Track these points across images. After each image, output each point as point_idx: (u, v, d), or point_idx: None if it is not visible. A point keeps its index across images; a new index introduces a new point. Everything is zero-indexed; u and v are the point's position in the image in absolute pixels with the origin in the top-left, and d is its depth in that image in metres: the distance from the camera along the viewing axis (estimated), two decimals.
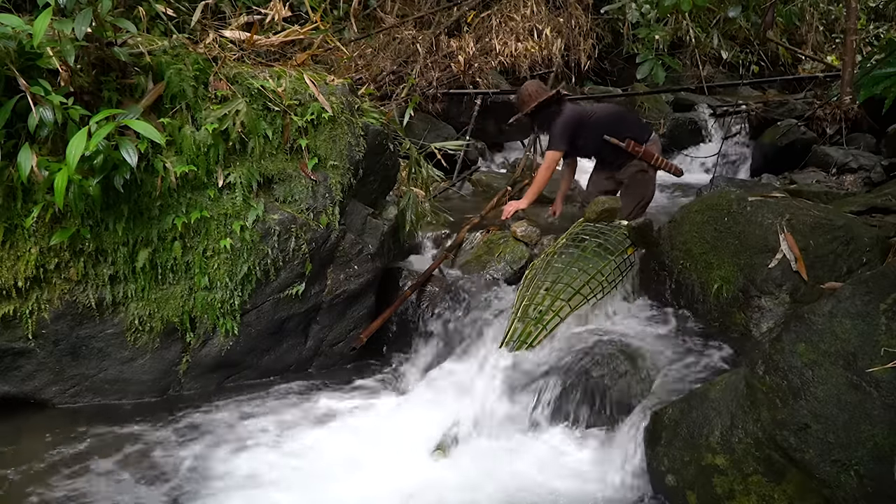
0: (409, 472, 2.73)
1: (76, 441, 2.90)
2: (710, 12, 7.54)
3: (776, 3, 4.81)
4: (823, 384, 2.13)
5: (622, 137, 4.30)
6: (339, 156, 3.40)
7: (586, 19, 8.23)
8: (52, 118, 2.72)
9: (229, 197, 3.18)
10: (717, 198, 3.43)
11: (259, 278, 3.24)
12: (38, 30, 2.60)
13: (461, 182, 6.16)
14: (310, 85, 3.35)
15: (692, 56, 8.76)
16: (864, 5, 8.73)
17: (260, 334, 3.35)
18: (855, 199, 4.17)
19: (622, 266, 3.58)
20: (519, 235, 4.10)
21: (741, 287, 3.09)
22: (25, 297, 2.96)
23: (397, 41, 7.16)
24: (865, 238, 3.06)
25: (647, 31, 4.62)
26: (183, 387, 3.30)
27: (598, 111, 4.59)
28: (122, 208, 3.00)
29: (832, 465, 2.05)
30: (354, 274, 3.52)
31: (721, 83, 9.05)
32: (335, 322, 3.56)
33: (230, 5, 4.43)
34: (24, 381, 3.08)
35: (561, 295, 3.35)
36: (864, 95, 2.57)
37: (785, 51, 9.74)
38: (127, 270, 3.07)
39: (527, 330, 3.25)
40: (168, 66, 3.14)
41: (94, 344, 3.11)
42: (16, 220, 2.92)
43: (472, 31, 7.60)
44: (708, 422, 2.40)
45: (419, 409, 3.14)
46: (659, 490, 2.52)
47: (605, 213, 3.88)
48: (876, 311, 2.12)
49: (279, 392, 3.33)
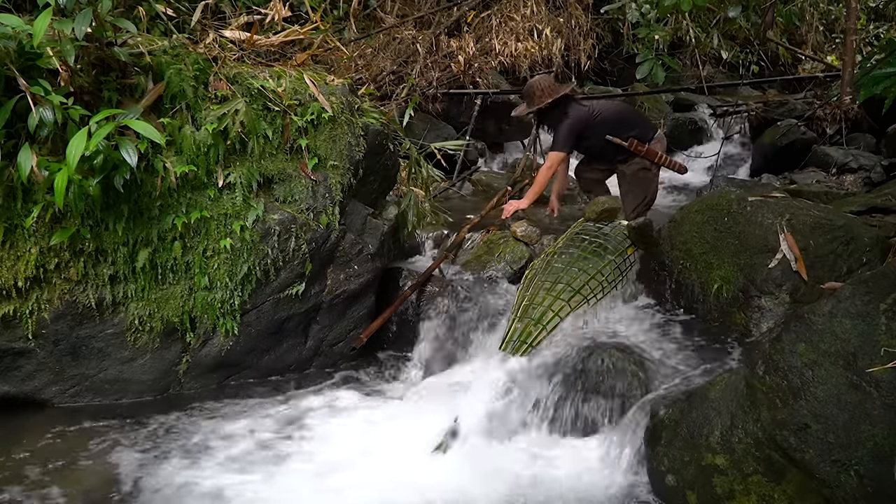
0: (409, 471, 2.73)
1: (76, 441, 2.90)
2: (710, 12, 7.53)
3: (776, 3, 4.80)
4: (823, 384, 2.13)
5: (626, 137, 4.29)
6: (339, 156, 3.40)
7: (586, 19, 8.23)
8: (52, 118, 2.72)
9: (229, 197, 3.18)
10: (717, 198, 3.44)
11: (259, 278, 3.24)
12: (38, 30, 2.60)
13: (461, 182, 6.16)
14: (310, 85, 3.35)
15: (692, 56, 8.75)
16: (864, 5, 8.73)
17: (260, 334, 3.35)
18: (855, 199, 4.17)
19: (622, 266, 3.59)
20: (519, 235, 4.10)
21: (741, 287, 3.09)
22: (25, 297, 2.96)
23: (397, 41, 7.16)
24: (865, 238, 3.06)
25: (647, 31, 4.62)
26: (183, 387, 3.30)
27: (604, 110, 4.55)
28: (122, 208, 3.00)
29: (832, 465, 2.05)
30: (354, 274, 3.52)
31: (721, 83, 9.04)
32: (335, 322, 3.56)
33: (230, 5, 4.43)
34: (24, 381, 3.08)
35: (561, 295, 3.35)
36: (864, 95, 2.57)
37: (785, 51, 9.74)
38: (127, 270, 3.07)
39: (527, 330, 3.25)
40: (168, 66, 3.13)
41: (94, 344, 3.11)
42: (16, 220, 2.91)
43: (472, 31, 7.59)
44: (708, 422, 2.40)
45: (419, 408, 3.14)
46: (659, 490, 2.52)
47: (605, 213, 3.89)
48: (876, 311, 2.12)
49: (279, 392, 3.33)
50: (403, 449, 2.85)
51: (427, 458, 2.83)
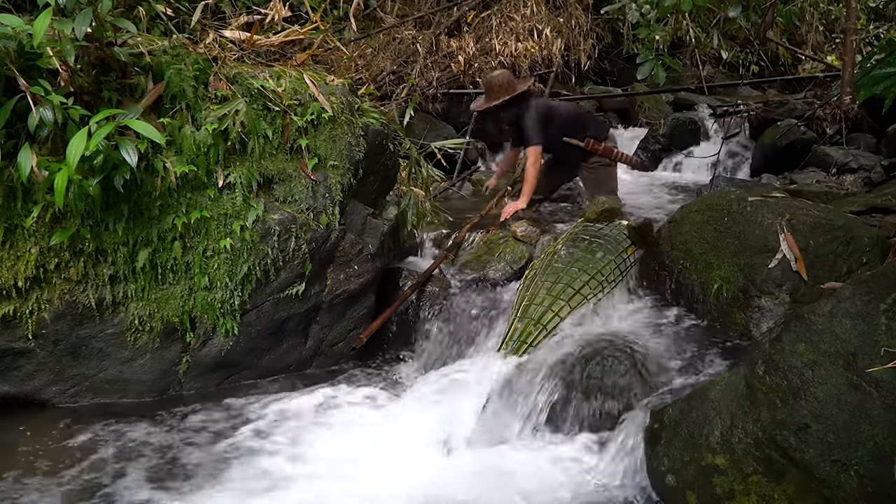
0: (409, 471, 2.72)
1: (76, 441, 2.90)
2: (710, 12, 7.54)
3: (776, 3, 4.81)
4: (823, 384, 2.13)
5: (583, 137, 4.45)
6: (339, 156, 3.40)
7: (586, 19, 8.24)
8: (52, 118, 2.71)
9: (229, 197, 3.18)
10: (717, 198, 3.43)
11: (259, 278, 3.24)
12: (38, 30, 2.60)
13: (461, 182, 6.16)
14: (310, 85, 3.35)
15: (692, 56, 8.76)
16: (864, 5, 8.73)
17: (260, 334, 3.35)
18: (855, 199, 4.17)
19: (622, 266, 3.58)
20: (519, 235, 4.10)
21: (741, 287, 3.09)
22: (25, 297, 2.96)
23: (397, 41, 7.17)
24: (865, 238, 3.06)
25: (647, 32, 4.62)
26: (183, 387, 3.30)
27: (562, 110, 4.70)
28: (122, 208, 3.00)
29: (832, 465, 2.05)
30: (354, 274, 3.52)
31: (721, 83, 9.05)
32: (335, 322, 3.56)
33: (230, 5, 4.43)
34: (24, 381, 3.09)
35: (561, 295, 3.36)
36: (864, 95, 2.57)
37: (785, 51, 9.75)
38: (127, 270, 3.07)
39: (527, 330, 3.25)
40: (168, 66, 3.13)
41: (94, 344, 3.11)
42: (16, 220, 2.91)
43: (472, 31, 7.60)
44: (708, 422, 2.40)
45: (419, 408, 3.14)
46: (659, 490, 2.52)
47: (605, 213, 3.89)
48: (876, 311, 2.12)
49: (279, 392, 3.33)
50: (403, 449, 2.85)
51: (427, 457, 2.83)
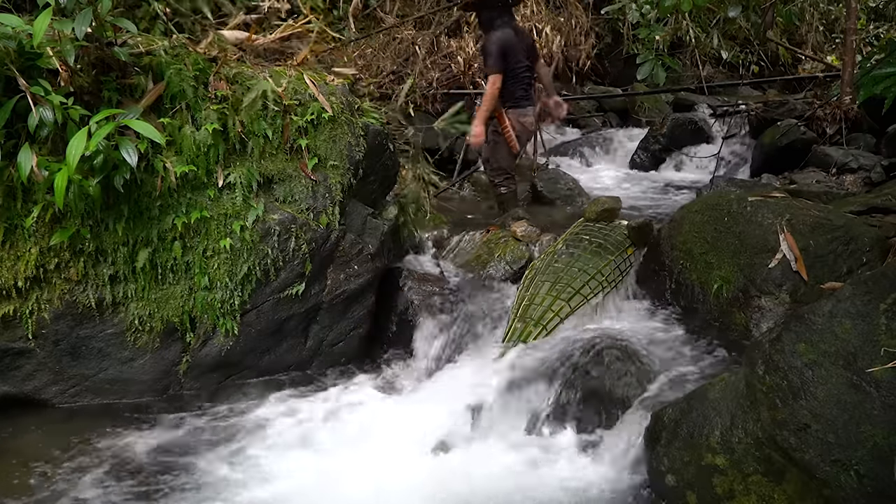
0: (409, 470, 2.73)
1: (76, 441, 2.90)
2: (710, 12, 7.53)
3: (776, 3, 4.81)
4: (823, 384, 2.13)
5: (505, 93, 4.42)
6: (339, 156, 3.40)
7: (586, 19, 8.25)
8: (52, 118, 2.71)
9: (229, 197, 3.18)
10: (717, 198, 3.44)
11: (259, 278, 3.23)
12: (38, 30, 2.60)
13: (461, 182, 6.16)
14: (310, 85, 3.35)
15: (692, 56, 8.76)
16: (864, 5, 8.72)
17: (260, 334, 3.35)
18: (855, 199, 4.17)
19: (622, 266, 3.59)
20: (519, 235, 4.10)
21: (741, 287, 3.09)
22: (25, 297, 2.96)
23: (397, 41, 7.16)
24: (865, 238, 3.06)
25: (647, 32, 4.61)
26: (183, 387, 3.30)
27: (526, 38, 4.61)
28: (122, 208, 3.00)
29: (832, 465, 2.05)
30: (354, 274, 3.52)
31: (721, 83, 9.04)
32: (335, 322, 3.56)
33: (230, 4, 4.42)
34: (24, 381, 3.08)
35: (561, 295, 3.36)
36: (864, 95, 2.58)
37: (785, 51, 9.75)
38: (127, 270, 3.07)
39: (527, 330, 3.25)
40: (168, 66, 3.13)
41: (94, 344, 3.11)
42: (16, 220, 2.91)
43: (472, 31, 7.59)
44: (708, 422, 2.40)
45: (419, 408, 3.14)
46: (659, 490, 2.52)
47: (605, 213, 3.89)
48: (876, 311, 2.12)
49: (279, 392, 3.32)
50: (403, 448, 2.85)
51: (427, 457, 2.83)
